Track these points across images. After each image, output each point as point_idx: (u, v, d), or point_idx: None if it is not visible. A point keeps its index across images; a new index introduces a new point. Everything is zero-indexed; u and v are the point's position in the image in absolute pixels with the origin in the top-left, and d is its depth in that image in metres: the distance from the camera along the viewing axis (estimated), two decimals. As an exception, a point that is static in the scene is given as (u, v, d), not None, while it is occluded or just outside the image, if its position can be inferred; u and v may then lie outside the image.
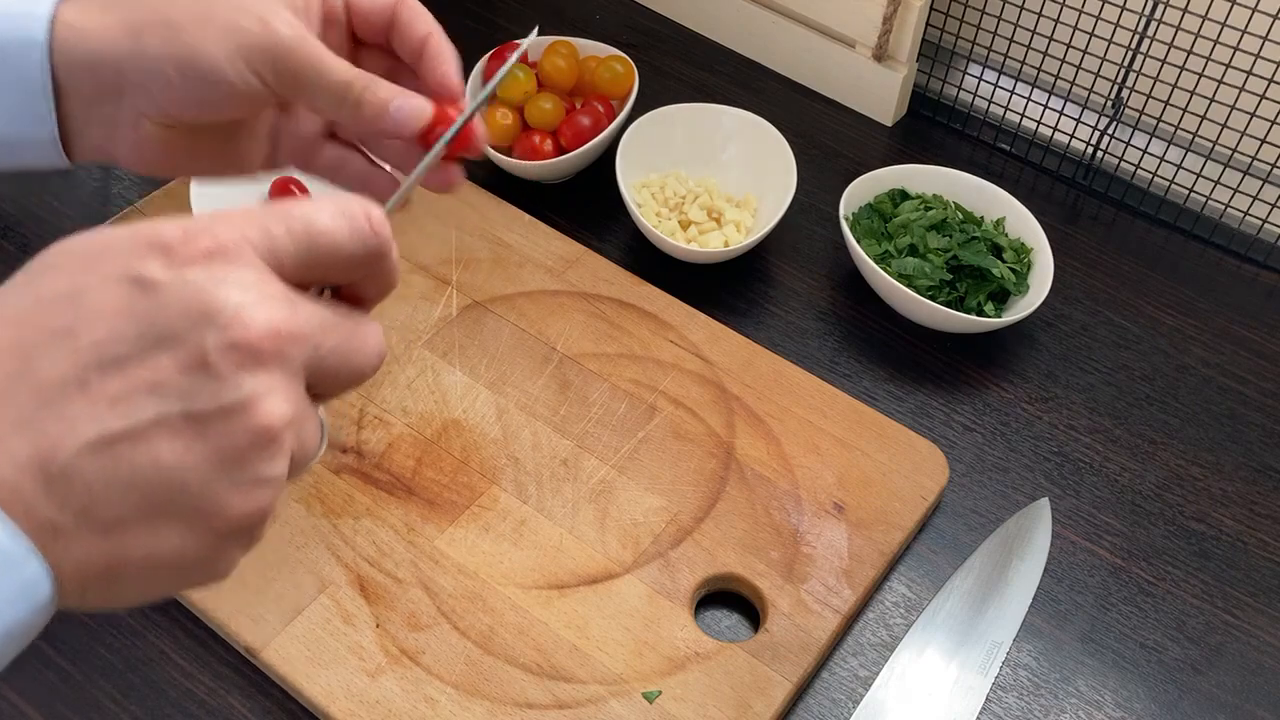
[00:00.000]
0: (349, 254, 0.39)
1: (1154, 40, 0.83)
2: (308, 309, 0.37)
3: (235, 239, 0.36)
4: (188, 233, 0.35)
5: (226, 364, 0.35)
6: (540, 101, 0.85)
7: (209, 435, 0.35)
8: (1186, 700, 0.65)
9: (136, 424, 0.34)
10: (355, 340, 0.39)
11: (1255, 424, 0.77)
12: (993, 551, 0.69)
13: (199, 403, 0.34)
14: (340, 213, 0.39)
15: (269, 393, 0.35)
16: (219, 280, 0.35)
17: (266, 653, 0.62)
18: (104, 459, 0.33)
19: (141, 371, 0.34)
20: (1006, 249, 0.80)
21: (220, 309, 0.35)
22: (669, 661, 0.62)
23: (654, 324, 0.77)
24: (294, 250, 0.37)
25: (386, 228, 0.40)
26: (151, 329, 0.34)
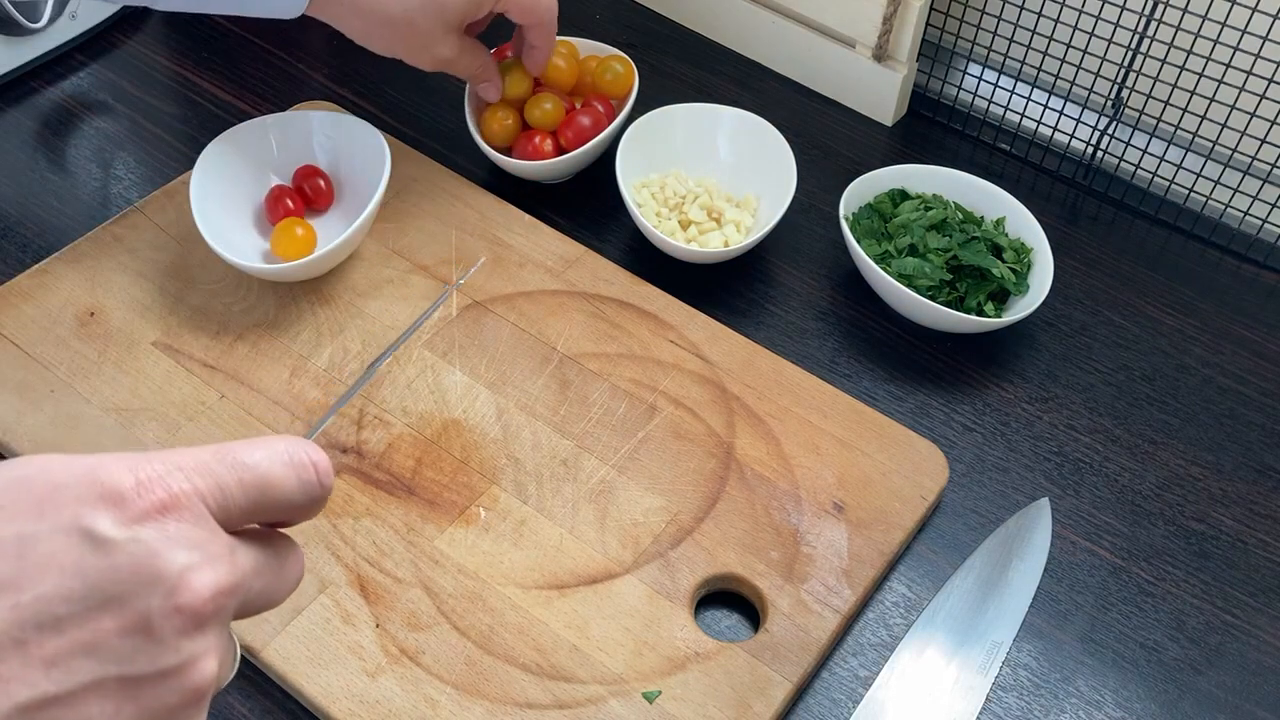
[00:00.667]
0: (294, 504, 0.39)
1: (1154, 40, 0.83)
2: (244, 555, 0.38)
3: (188, 490, 0.36)
4: (140, 484, 0.35)
5: (168, 628, 0.35)
6: (540, 101, 0.85)
7: (141, 697, 0.35)
8: (1186, 700, 0.65)
9: (70, 688, 0.34)
10: (280, 576, 0.40)
11: (1255, 424, 0.77)
12: (993, 551, 0.69)
13: (136, 666, 0.34)
14: (289, 463, 0.39)
15: (204, 654, 0.36)
16: (169, 539, 0.35)
17: (266, 653, 0.62)
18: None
19: (81, 633, 0.34)
20: (1006, 249, 0.80)
21: (167, 573, 0.35)
22: (669, 661, 0.62)
23: (654, 324, 0.77)
24: (244, 502, 0.38)
25: (330, 478, 0.40)
26: (97, 589, 0.34)
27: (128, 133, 0.91)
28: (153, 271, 0.79)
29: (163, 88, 0.95)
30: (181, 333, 0.76)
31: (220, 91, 0.95)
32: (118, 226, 0.81)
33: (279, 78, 0.96)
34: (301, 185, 0.82)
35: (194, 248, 0.79)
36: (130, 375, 0.73)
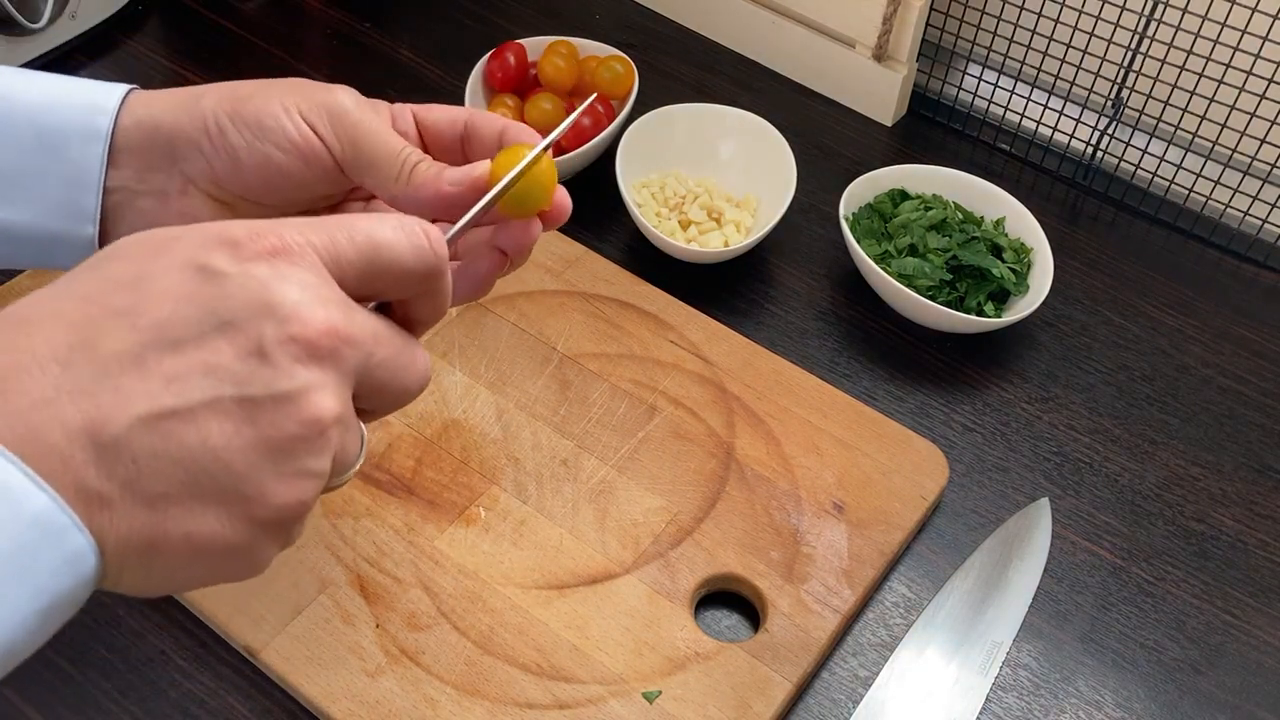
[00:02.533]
0: (408, 268, 0.40)
1: (1154, 40, 0.83)
2: (363, 317, 0.38)
3: (300, 242, 0.37)
4: (254, 231, 0.37)
5: (282, 355, 0.36)
6: (540, 101, 0.85)
7: (258, 421, 0.35)
8: (1186, 700, 0.65)
9: (189, 403, 0.35)
10: (404, 357, 0.40)
11: (1255, 424, 0.77)
12: (993, 551, 0.69)
13: (252, 389, 0.35)
14: (401, 227, 0.39)
15: (320, 388, 0.36)
16: (282, 277, 0.36)
17: (266, 653, 0.62)
18: (154, 434, 0.34)
19: (199, 354, 0.35)
20: (1006, 249, 0.80)
21: (281, 303, 0.36)
22: (669, 661, 0.62)
23: (654, 324, 0.77)
24: (356, 260, 0.38)
25: (444, 247, 0.41)
26: (212, 315, 0.35)
27: (128, 133, 0.91)
28: (153, 271, 0.79)
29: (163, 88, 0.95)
30: (181, 333, 0.76)
31: (220, 91, 0.95)
32: (118, 226, 0.81)
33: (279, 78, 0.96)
34: None
35: (194, 248, 0.79)
36: (130, 375, 0.73)
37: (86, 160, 0.49)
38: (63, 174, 0.49)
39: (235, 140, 0.49)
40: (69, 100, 0.49)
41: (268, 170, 0.49)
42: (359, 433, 0.40)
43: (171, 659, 0.64)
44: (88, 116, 0.49)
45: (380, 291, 0.40)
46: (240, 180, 0.49)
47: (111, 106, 0.49)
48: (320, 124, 0.49)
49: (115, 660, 0.64)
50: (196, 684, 0.63)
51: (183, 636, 0.65)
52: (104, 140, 0.49)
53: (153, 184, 0.50)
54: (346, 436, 0.38)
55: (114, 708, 0.62)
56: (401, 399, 0.41)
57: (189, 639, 0.65)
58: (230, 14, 1.01)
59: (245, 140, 0.49)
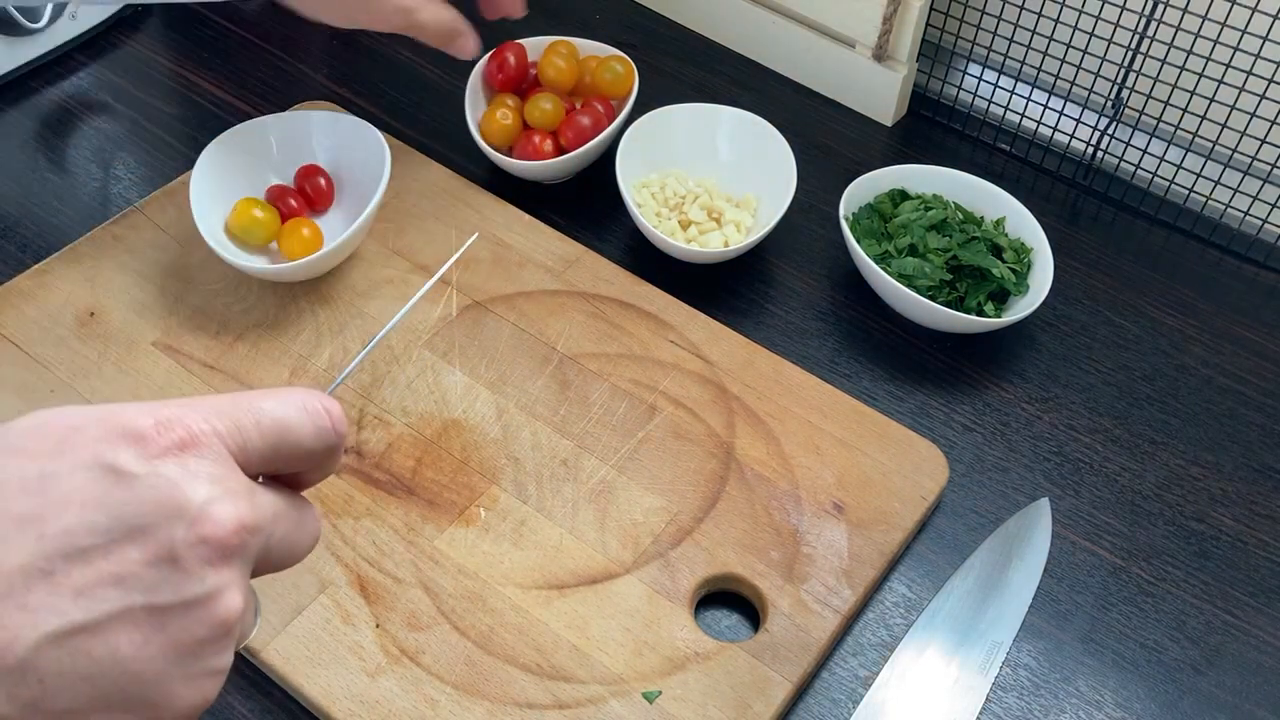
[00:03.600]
0: (310, 449, 0.40)
1: (1154, 40, 0.83)
2: (264, 499, 0.38)
3: (207, 431, 0.36)
4: (160, 422, 0.36)
5: (194, 558, 0.35)
6: (540, 101, 0.85)
7: (168, 628, 0.35)
8: (1186, 700, 0.65)
9: (98, 616, 0.34)
10: (301, 528, 0.40)
11: (1255, 424, 0.77)
12: (993, 551, 0.69)
13: (163, 595, 0.35)
14: (305, 409, 0.39)
15: (229, 586, 0.36)
16: (191, 475, 0.35)
17: (266, 653, 0.62)
18: (62, 651, 0.33)
19: (108, 564, 0.34)
20: (1006, 249, 0.80)
21: (189, 504, 0.35)
22: (669, 661, 0.62)
23: (654, 324, 0.77)
24: (261, 445, 0.38)
25: (344, 425, 0.41)
26: (121, 521, 0.34)
27: (128, 133, 0.91)
28: (153, 271, 0.79)
29: (163, 88, 0.95)
30: (181, 333, 0.76)
31: (220, 91, 0.95)
32: (118, 226, 0.81)
33: (279, 78, 0.96)
34: (302, 185, 0.82)
35: (194, 248, 0.79)
36: (130, 375, 0.73)
37: None
38: None
39: None
40: None
41: None
42: (255, 604, 0.40)
43: (171, 659, 0.64)
44: None
45: (278, 468, 0.40)
46: None
47: None
48: None
49: (115, 660, 0.64)
50: (196, 684, 0.63)
51: (183, 636, 0.65)
52: None
53: None
54: (247, 617, 0.38)
55: (114, 708, 0.62)
56: (294, 562, 0.41)
57: (189, 639, 0.64)
58: (230, 14, 1.01)
59: None
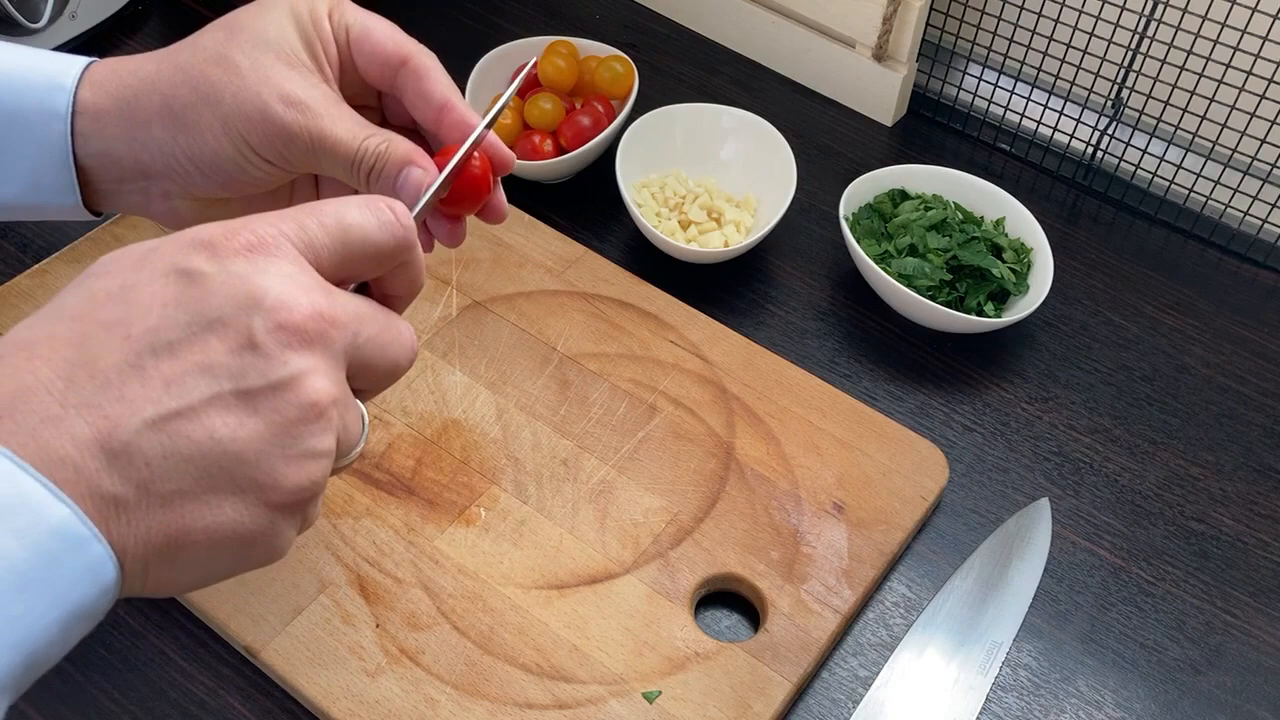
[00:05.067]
0: (378, 245, 0.41)
1: (1154, 40, 0.83)
2: (345, 299, 0.39)
3: (273, 234, 0.38)
4: (228, 230, 0.38)
5: (273, 344, 0.37)
6: (540, 101, 0.85)
7: (260, 410, 0.37)
8: (1186, 700, 0.65)
9: (191, 402, 0.36)
10: (390, 332, 0.41)
11: (1255, 424, 0.77)
12: (993, 551, 0.69)
13: (249, 380, 0.36)
14: (367, 207, 0.41)
15: (313, 371, 0.38)
16: (261, 270, 0.37)
17: (266, 653, 0.62)
18: (162, 435, 0.35)
19: (193, 354, 0.36)
20: (1006, 249, 0.80)
21: (264, 294, 0.37)
22: (669, 661, 0.62)
23: (654, 324, 0.77)
24: (329, 243, 0.40)
25: (410, 220, 0.42)
26: (200, 315, 0.36)
27: (128, 133, 0.91)
28: (153, 271, 0.79)
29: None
30: (181, 333, 0.76)
31: (220, 91, 0.95)
32: (118, 226, 0.81)
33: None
34: None
35: (194, 248, 0.79)
36: (130, 375, 0.73)
37: (52, 138, 0.50)
38: (35, 153, 0.50)
39: (198, 178, 0.50)
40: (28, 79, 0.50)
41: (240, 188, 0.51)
42: (358, 411, 0.41)
43: (171, 659, 0.64)
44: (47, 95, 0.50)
45: (356, 272, 0.41)
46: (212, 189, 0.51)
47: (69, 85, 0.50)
48: (275, 155, 0.49)
49: (115, 660, 0.64)
50: (196, 684, 0.63)
51: (183, 636, 0.65)
52: (65, 119, 0.50)
53: (131, 190, 0.52)
54: (347, 415, 0.39)
55: (114, 708, 0.62)
56: (393, 374, 0.42)
57: (189, 639, 0.65)
58: (230, 14, 1.01)
59: (214, 180, 0.51)
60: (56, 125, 0.50)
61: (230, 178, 0.50)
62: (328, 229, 0.40)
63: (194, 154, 0.50)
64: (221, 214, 0.50)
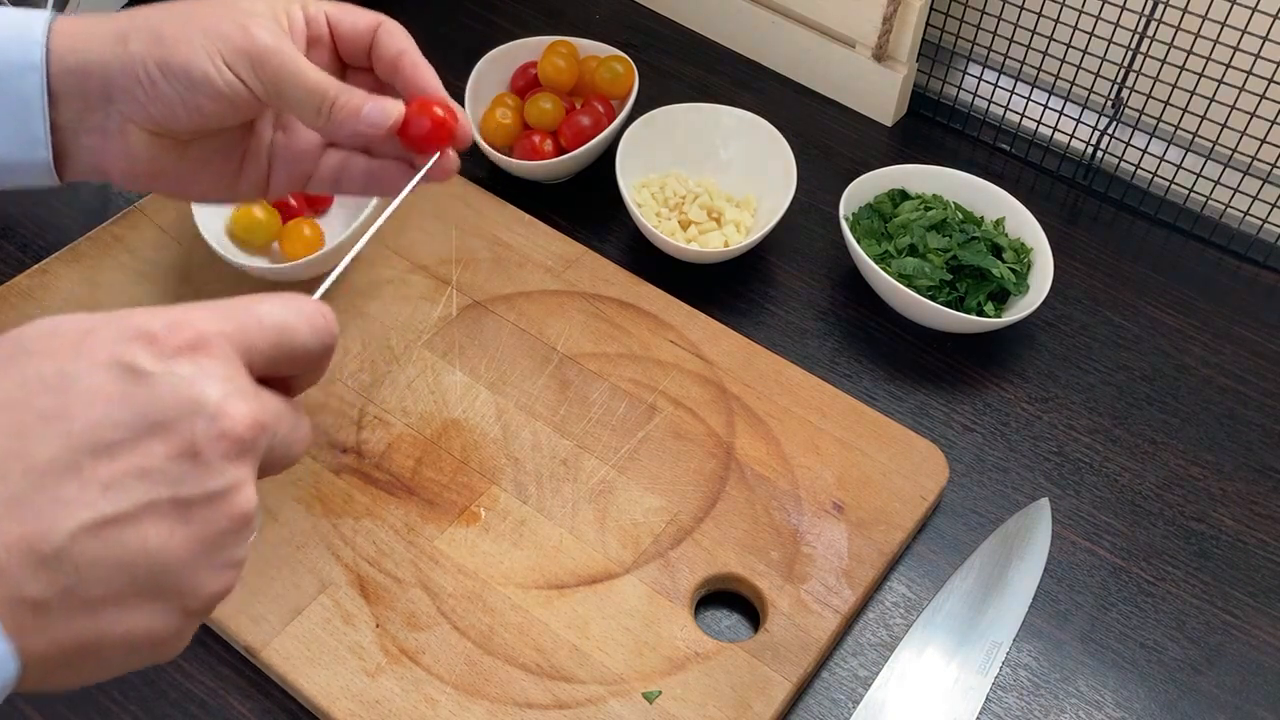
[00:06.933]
0: (309, 351, 0.41)
1: (1154, 40, 0.83)
2: (269, 401, 0.39)
3: (214, 334, 0.37)
4: (170, 324, 0.37)
5: (213, 453, 0.36)
6: (540, 101, 0.85)
7: (193, 520, 0.36)
8: (1186, 700, 0.65)
9: (127, 508, 0.35)
10: (298, 430, 0.41)
11: (1255, 424, 0.77)
12: (993, 551, 0.69)
13: (186, 489, 0.36)
14: (302, 313, 0.41)
15: (246, 481, 0.37)
16: (205, 373, 0.36)
17: (266, 653, 0.62)
18: (95, 541, 0.34)
19: (133, 457, 0.35)
20: (1006, 249, 0.80)
21: (208, 400, 0.36)
22: (669, 661, 0.62)
23: (654, 324, 0.77)
24: (265, 347, 0.39)
25: (336, 326, 0.42)
26: (143, 416, 0.35)
27: (128, 133, 0.91)
28: (153, 271, 0.79)
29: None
30: (181, 333, 0.76)
31: (220, 91, 0.95)
32: (118, 226, 0.81)
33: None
34: None
35: (194, 248, 0.79)
36: (130, 375, 0.73)
37: (27, 89, 0.51)
38: (8, 105, 0.52)
39: (167, 91, 0.52)
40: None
41: (199, 114, 0.53)
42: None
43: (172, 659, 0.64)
44: (20, 48, 0.51)
45: (279, 371, 0.41)
46: (173, 120, 0.53)
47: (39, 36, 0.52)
48: (245, 72, 0.52)
49: (115, 660, 0.64)
50: (196, 684, 0.63)
51: (183, 636, 0.65)
52: (40, 70, 0.51)
53: (92, 123, 0.53)
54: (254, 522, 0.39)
55: (114, 708, 0.62)
56: (288, 465, 0.42)
57: (189, 639, 0.65)
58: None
59: (177, 91, 0.52)
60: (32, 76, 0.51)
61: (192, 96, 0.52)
62: (266, 333, 0.39)
63: (164, 61, 0.51)
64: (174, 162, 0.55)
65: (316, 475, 0.69)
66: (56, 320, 0.37)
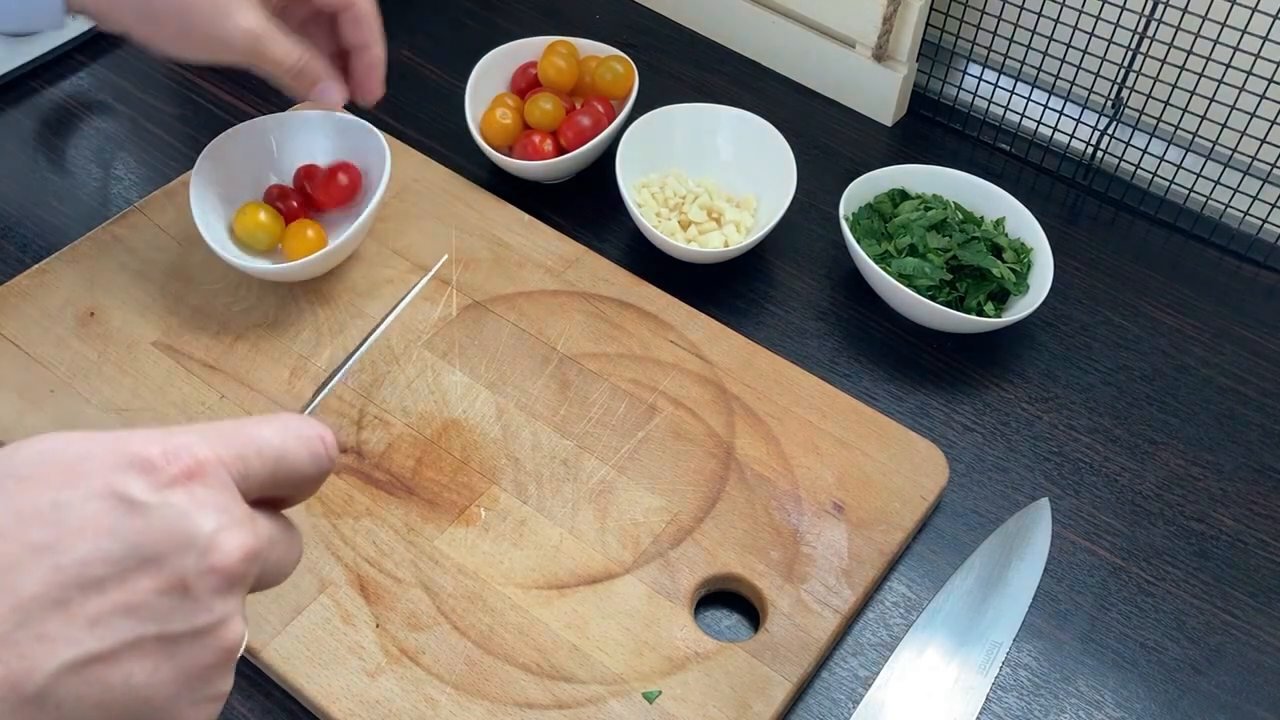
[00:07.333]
0: (306, 477, 0.41)
1: (1154, 40, 0.83)
2: (263, 526, 0.39)
3: (212, 460, 0.37)
4: (167, 451, 0.36)
5: (203, 588, 0.36)
6: (540, 101, 0.85)
7: (178, 655, 0.36)
8: (1186, 700, 0.65)
9: (113, 645, 0.34)
10: (291, 552, 0.41)
11: (1255, 424, 0.77)
12: (993, 551, 0.69)
13: (173, 624, 0.35)
14: (300, 437, 0.40)
15: (234, 615, 0.37)
16: (199, 503, 0.36)
17: (266, 653, 0.62)
18: (78, 680, 0.34)
19: (121, 593, 0.35)
20: (1006, 249, 0.80)
21: (200, 534, 0.36)
22: (669, 661, 0.62)
23: (654, 324, 0.77)
24: (262, 474, 0.39)
25: (336, 449, 0.42)
26: (134, 550, 0.35)
27: (128, 133, 0.91)
28: (153, 271, 0.79)
29: (163, 88, 0.95)
30: (181, 333, 0.76)
31: (220, 91, 0.95)
32: (118, 226, 0.81)
33: None
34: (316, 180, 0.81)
35: (194, 248, 0.79)
36: (130, 375, 0.73)
37: None
38: None
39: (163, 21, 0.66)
40: None
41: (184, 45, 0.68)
42: None
43: (171, 659, 0.64)
44: None
45: (275, 494, 0.41)
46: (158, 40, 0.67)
47: None
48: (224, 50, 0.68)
49: (115, 660, 0.64)
50: (196, 684, 0.63)
51: (183, 636, 0.65)
52: None
53: None
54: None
55: (114, 708, 0.62)
56: (279, 582, 0.42)
57: (189, 639, 0.64)
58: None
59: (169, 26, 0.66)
60: None
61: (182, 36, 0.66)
62: (265, 460, 0.39)
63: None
64: None
65: (316, 475, 0.69)
66: (52, 443, 0.36)
